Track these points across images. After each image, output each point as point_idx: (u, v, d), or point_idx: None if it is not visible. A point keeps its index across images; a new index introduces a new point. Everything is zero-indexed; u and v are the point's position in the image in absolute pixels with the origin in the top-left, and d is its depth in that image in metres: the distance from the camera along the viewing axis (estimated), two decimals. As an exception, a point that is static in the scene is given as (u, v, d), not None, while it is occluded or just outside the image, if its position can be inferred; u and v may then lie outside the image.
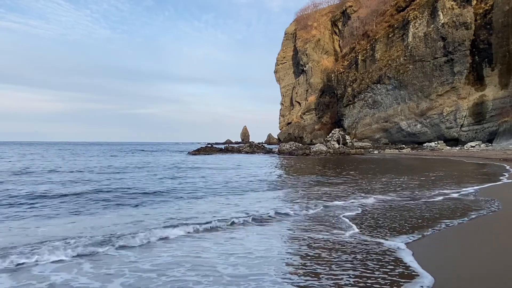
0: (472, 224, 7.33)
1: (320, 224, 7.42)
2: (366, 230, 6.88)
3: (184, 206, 9.59)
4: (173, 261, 5.16)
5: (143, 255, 5.42)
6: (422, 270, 4.73)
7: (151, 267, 4.91)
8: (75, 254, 5.41)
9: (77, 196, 11.18)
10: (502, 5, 51.58)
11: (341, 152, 45.37)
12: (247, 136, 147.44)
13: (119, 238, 6.12)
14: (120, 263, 5.07)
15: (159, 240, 6.21)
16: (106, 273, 4.71)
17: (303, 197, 11.13)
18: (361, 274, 4.62)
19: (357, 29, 78.55)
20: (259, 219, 7.93)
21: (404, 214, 8.41)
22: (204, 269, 4.83)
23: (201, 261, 5.17)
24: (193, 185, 14.44)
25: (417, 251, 5.54)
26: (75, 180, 15.79)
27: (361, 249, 5.64)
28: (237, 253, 5.49)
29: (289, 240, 6.39)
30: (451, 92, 57.10)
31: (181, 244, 6.01)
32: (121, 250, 5.68)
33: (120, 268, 4.87)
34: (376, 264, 4.96)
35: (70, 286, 4.37)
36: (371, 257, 5.28)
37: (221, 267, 4.91)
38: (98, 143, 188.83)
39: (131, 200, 10.61)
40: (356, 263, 5.01)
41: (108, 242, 5.90)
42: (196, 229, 6.88)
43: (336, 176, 18.21)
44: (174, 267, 4.90)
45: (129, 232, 6.46)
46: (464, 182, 14.60)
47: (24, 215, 8.32)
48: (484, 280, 4.41)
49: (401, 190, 12.67)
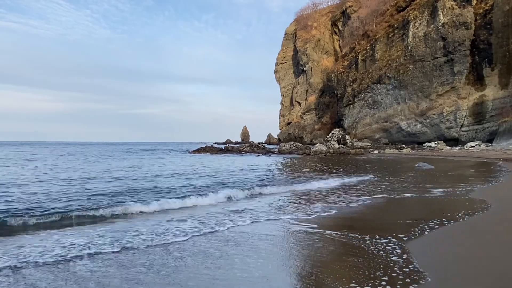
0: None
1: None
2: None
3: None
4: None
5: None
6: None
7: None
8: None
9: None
10: (502, 5, 51.54)
11: (341, 152, 45.39)
12: (247, 136, 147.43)
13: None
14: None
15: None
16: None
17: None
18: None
19: (357, 29, 78.53)
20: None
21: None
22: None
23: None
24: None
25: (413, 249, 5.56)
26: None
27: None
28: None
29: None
30: (451, 92, 57.07)
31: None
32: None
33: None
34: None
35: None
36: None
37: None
38: (99, 144, 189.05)
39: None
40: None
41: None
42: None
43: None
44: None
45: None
46: (457, 182, 14.60)
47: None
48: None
49: (383, 189, 12.67)
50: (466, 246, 5.80)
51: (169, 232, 6.90)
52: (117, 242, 6.14)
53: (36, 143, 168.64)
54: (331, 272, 4.73)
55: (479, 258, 5.15)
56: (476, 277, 4.48)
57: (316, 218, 8.09)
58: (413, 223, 7.40)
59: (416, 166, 23.46)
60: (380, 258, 5.19)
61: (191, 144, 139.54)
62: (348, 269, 4.84)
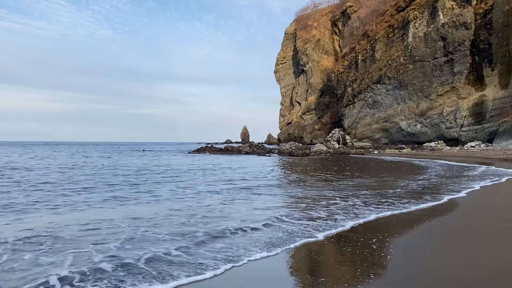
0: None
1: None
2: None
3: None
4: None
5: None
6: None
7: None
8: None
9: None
10: (502, 5, 51.53)
11: (341, 152, 45.38)
12: (247, 136, 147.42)
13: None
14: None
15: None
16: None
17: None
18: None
19: (357, 29, 78.56)
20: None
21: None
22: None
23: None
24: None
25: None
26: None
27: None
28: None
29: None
30: (451, 92, 57.06)
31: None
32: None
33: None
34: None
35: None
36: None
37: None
38: (99, 144, 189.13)
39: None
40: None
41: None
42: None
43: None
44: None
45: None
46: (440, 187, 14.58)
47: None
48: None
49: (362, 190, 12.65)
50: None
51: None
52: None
53: (37, 143, 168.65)
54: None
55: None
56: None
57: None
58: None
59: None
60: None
61: (192, 144, 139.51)
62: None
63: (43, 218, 7.99)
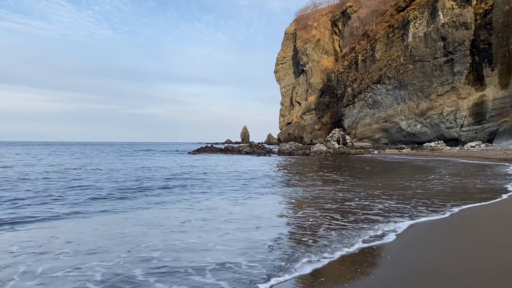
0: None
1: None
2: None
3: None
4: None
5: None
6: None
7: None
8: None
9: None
10: (502, 5, 51.52)
11: (341, 152, 45.40)
12: (247, 136, 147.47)
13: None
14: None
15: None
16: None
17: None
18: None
19: (357, 29, 78.56)
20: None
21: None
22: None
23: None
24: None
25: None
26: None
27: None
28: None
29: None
30: (451, 92, 57.05)
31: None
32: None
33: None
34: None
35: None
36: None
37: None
38: (99, 144, 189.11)
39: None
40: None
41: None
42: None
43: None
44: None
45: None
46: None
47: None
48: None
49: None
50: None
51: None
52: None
53: (37, 143, 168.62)
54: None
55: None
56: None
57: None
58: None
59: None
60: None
61: (192, 144, 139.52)
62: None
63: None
